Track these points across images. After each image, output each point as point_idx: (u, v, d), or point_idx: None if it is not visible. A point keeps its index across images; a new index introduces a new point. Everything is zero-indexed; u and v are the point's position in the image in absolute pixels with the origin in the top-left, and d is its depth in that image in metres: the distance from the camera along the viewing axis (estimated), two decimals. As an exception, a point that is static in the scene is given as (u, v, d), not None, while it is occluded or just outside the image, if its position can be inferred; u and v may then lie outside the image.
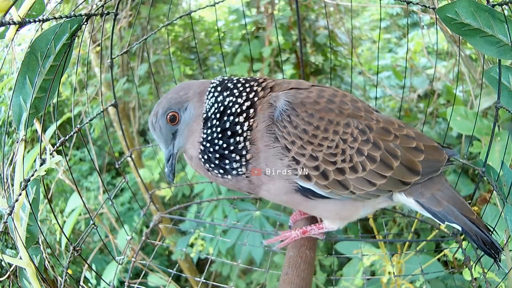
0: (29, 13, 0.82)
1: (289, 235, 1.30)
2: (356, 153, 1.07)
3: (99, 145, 3.86)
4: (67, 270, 1.02)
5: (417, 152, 1.11)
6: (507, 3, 0.86)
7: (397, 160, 1.08)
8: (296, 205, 1.25)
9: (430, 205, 1.12)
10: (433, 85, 3.09)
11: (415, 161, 1.10)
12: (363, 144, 1.07)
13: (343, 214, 1.21)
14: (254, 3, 3.53)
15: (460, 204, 1.11)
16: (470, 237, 1.08)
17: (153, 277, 2.21)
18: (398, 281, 1.65)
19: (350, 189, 1.08)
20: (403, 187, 1.12)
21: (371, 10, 5.09)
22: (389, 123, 1.14)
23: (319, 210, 1.22)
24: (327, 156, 1.06)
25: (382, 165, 1.08)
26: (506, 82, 0.95)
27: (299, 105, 1.07)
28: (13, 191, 0.84)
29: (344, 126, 1.08)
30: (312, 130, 1.05)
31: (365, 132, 1.09)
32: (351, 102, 1.14)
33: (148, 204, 1.63)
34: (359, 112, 1.12)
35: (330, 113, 1.08)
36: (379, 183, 1.08)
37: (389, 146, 1.09)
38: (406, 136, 1.12)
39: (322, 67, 3.56)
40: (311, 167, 1.05)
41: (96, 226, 1.14)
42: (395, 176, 1.08)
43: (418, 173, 1.10)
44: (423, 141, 1.15)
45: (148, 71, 3.29)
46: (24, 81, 0.87)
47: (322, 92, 1.12)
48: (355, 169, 1.07)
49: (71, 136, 1.06)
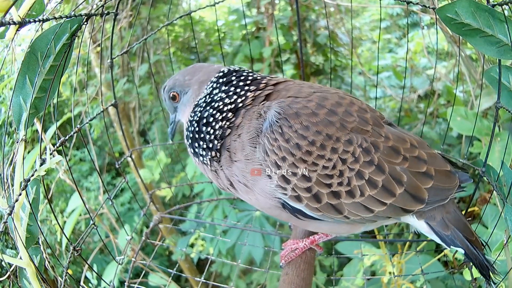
0: (29, 13, 0.82)
1: (296, 246, 1.24)
2: (356, 176, 0.95)
3: (99, 146, 3.86)
4: (67, 270, 1.02)
5: (426, 178, 1.00)
6: (507, 3, 0.86)
7: (401, 187, 0.97)
8: (286, 219, 1.13)
9: (440, 229, 1.05)
10: (433, 86, 3.09)
11: (421, 188, 0.99)
12: (365, 166, 0.95)
13: (341, 231, 1.14)
14: (254, 3, 3.53)
15: (463, 227, 1.06)
16: (470, 260, 1.04)
17: (153, 276, 2.21)
18: (399, 281, 1.65)
19: (344, 214, 0.98)
20: (404, 214, 1.02)
21: (371, 11, 5.09)
22: (400, 142, 1.01)
23: (313, 227, 1.17)
24: (322, 177, 0.95)
25: (383, 191, 0.96)
26: (506, 82, 0.95)
27: (293, 116, 0.96)
28: (13, 191, 0.84)
29: (345, 144, 0.95)
30: (307, 145, 0.94)
31: (370, 151, 0.96)
32: (358, 112, 1.01)
33: (148, 204, 1.63)
34: (365, 125, 0.99)
35: (330, 126, 0.96)
36: (377, 210, 0.97)
37: (395, 170, 0.97)
38: (416, 159, 1.01)
39: (322, 67, 3.56)
40: (302, 188, 0.95)
41: (96, 226, 1.14)
42: (396, 204, 0.98)
43: (423, 201, 0.99)
44: (435, 165, 1.03)
45: (148, 71, 3.29)
46: (24, 81, 0.87)
47: (323, 101, 1.00)
48: (352, 194, 0.96)
49: (71, 136, 1.06)
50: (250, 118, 1.01)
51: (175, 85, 1.17)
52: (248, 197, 1.05)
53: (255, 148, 0.98)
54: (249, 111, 1.02)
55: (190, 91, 1.15)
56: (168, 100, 1.21)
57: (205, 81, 1.13)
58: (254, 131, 0.99)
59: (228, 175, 1.05)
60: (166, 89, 1.20)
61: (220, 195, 2.24)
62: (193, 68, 1.19)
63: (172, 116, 1.24)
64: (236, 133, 1.01)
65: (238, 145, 1.00)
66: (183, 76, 1.17)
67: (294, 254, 1.23)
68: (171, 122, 1.26)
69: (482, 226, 1.67)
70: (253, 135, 0.99)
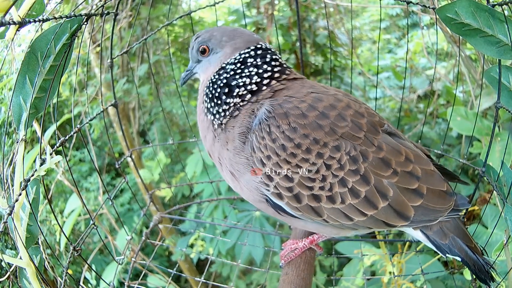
0: (29, 13, 0.82)
1: (296, 246, 1.24)
2: (339, 183, 0.94)
3: (99, 146, 3.86)
4: (67, 270, 1.02)
5: (416, 195, 0.97)
6: (507, 3, 0.86)
7: (385, 201, 0.95)
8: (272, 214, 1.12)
9: (437, 238, 1.04)
10: (433, 86, 3.09)
11: (408, 205, 0.96)
12: (349, 175, 0.94)
13: (327, 232, 1.14)
14: (254, 3, 3.53)
15: (462, 234, 1.05)
16: (468, 267, 1.04)
17: (152, 278, 2.21)
18: (399, 281, 1.64)
19: (323, 217, 0.98)
20: (386, 228, 1.01)
21: (371, 11, 5.09)
22: (393, 154, 0.98)
23: (299, 226, 1.16)
24: (304, 180, 0.95)
25: (365, 202, 0.95)
26: (506, 82, 0.95)
27: (281, 115, 0.95)
28: (13, 191, 0.84)
29: (332, 150, 0.94)
30: (292, 147, 0.94)
31: (357, 160, 0.94)
32: (353, 117, 0.99)
33: (148, 204, 1.63)
34: (358, 132, 0.97)
35: (318, 130, 0.94)
36: (357, 219, 0.97)
37: (381, 183, 0.95)
38: (409, 174, 0.98)
39: (322, 67, 3.56)
40: (284, 187, 0.96)
41: (96, 226, 1.14)
42: (377, 217, 0.96)
43: (407, 219, 0.97)
44: (429, 183, 1.00)
45: (148, 71, 3.29)
46: (24, 81, 0.87)
47: (316, 103, 0.98)
48: (333, 200, 0.95)
49: (71, 136, 1.06)
50: (244, 114, 1.02)
51: (210, 40, 1.13)
52: (233, 184, 1.07)
53: (243, 143, 1.00)
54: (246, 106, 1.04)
55: (222, 53, 1.11)
56: (196, 51, 1.16)
57: (240, 48, 1.09)
58: (245, 127, 1.00)
59: (220, 152, 1.06)
60: (199, 39, 1.15)
61: (220, 195, 2.24)
62: (234, 31, 1.14)
63: (193, 65, 1.20)
64: (232, 125, 1.03)
65: (230, 136, 1.03)
66: (222, 35, 1.12)
67: (294, 254, 1.22)
68: (188, 69, 1.21)
69: (482, 226, 1.67)
70: (243, 130, 1.00)
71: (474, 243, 1.05)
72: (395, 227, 1.01)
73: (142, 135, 3.86)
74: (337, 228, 1.05)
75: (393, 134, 1.07)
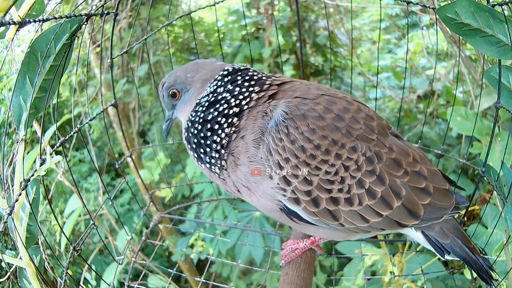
0: (29, 13, 0.82)
1: (296, 246, 1.24)
2: (356, 184, 0.95)
3: (99, 146, 3.87)
4: (67, 270, 1.02)
5: (424, 194, 1.00)
6: (507, 3, 0.86)
7: (399, 200, 0.97)
8: (286, 222, 1.11)
9: (439, 238, 1.05)
10: (433, 86, 3.09)
11: (418, 204, 0.99)
12: (366, 175, 0.95)
13: (336, 237, 1.14)
14: (254, 3, 3.53)
15: (461, 235, 1.06)
16: (470, 266, 1.04)
17: (153, 278, 2.21)
18: (399, 281, 1.64)
19: (340, 221, 0.98)
20: (398, 228, 1.02)
21: (370, 11, 5.10)
22: (403, 155, 1.01)
23: (309, 231, 1.16)
24: (323, 182, 0.94)
25: (381, 203, 0.96)
26: (506, 82, 0.95)
27: (300, 117, 0.94)
28: (13, 191, 0.84)
29: (349, 151, 0.94)
30: (311, 149, 0.92)
31: (372, 161, 0.96)
32: (365, 120, 1.00)
33: (148, 205, 1.63)
34: (371, 134, 0.98)
35: (336, 132, 0.94)
36: (372, 221, 0.97)
37: (395, 183, 0.97)
38: (417, 174, 1.01)
39: (322, 68, 3.56)
40: (302, 191, 0.95)
41: (96, 226, 1.13)
42: (392, 217, 0.98)
43: (418, 217, 0.99)
44: (435, 182, 1.03)
45: (148, 72, 3.29)
46: (24, 81, 0.87)
47: (331, 105, 0.98)
48: (351, 202, 0.96)
49: (71, 136, 1.06)
50: (254, 118, 0.99)
51: (176, 82, 1.11)
52: (251, 199, 1.04)
53: (258, 148, 0.96)
54: (252, 111, 1.00)
55: (192, 89, 1.09)
56: (167, 97, 1.14)
57: (208, 79, 1.07)
58: (259, 130, 0.97)
59: (234, 181, 1.03)
60: (165, 85, 1.13)
61: (220, 195, 2.24)
62: (196, 64, 1.13)
63: (169, 113, 1.18)
64: (239, 135, 0.99)
65: (241, 148, 0.98)
66: (185, 73, 1.11)
67: (294, 254, 1.22)
68: (167, 119, 1.20)
69: (482, 226, 1.67)
70: (257, 135, 0.97)
71: (472, 244, 1.06)
72: (407, 227, 1.02)
73: (142, 135, 3.87)
74: (349, 232, 1.06)
75: (398, 136, 1.09)
